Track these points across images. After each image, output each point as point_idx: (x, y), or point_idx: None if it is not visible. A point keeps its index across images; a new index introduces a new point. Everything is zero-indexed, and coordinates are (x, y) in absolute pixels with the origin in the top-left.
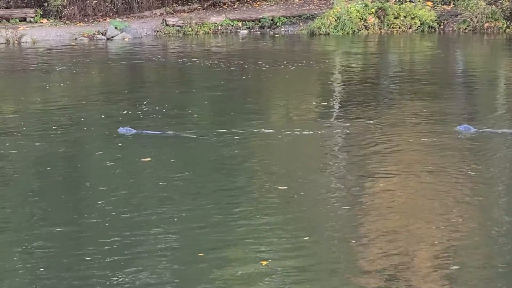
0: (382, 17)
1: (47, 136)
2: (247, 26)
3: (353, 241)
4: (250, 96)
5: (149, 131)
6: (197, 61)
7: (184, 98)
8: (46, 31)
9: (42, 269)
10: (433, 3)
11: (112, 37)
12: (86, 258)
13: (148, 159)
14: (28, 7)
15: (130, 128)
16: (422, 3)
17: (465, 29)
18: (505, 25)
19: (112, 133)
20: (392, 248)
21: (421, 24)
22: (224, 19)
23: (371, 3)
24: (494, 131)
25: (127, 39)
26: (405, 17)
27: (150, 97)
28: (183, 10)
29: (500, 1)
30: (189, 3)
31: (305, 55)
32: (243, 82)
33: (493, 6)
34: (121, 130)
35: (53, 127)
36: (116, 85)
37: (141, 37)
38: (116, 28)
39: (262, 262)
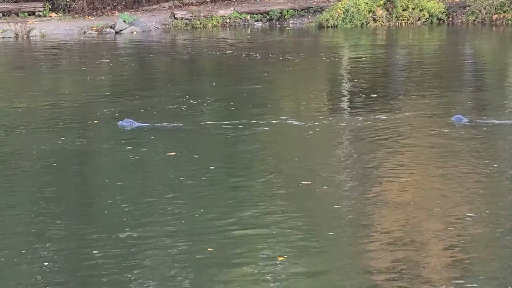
0: (390, 9)
1: (78, 130)
2: (256, 19)
3: (374, 232)
4: (285, 88)
5: (149, 124)
6: (235, 53)
7: (223, 91)
8: (55, 25)
9: (47, 263)
10: None
11: (121, 30)
12: (94, 252)
13: (174, 153)
14: (37, 1)
15: (131, 120)
16: None
17: (474, 20)
18: None
19: (148, 127)
20: (403, 242)
21: (429, 16)
22: (232, 12)
23: None
24: (485, 122)
25: (135, 33)
26: (413, 9)
27: (190, 90)
28: (191, 3)
29: None
30: None
31: (322, 48)
32: (281, 74)
33: None
34: (122, 124)
35: (95, 122)
36: (153, 78)
37: (150, 30)
38: (124, 21)
39: (278, 257)
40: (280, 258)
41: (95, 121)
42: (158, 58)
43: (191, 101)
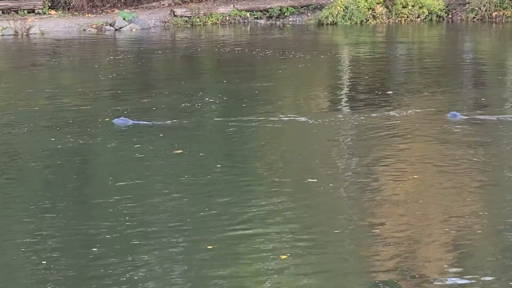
0: (390, 6)
1: (85, 128)
2: (255, 16)
3: (377, 230)
4: (298, 85)
5: (145, 121)
6: (246, 50)
7: (236, 88)
8: (54, 22)
9: (45, 262)
10: None
11: (120, 28)
12: (94, 249)
13: (180, 151)
14: None
15: (126, 118)
16: None
17: (474, 18)
18: None
19: (158, 125)
20: (406, 238)
21: (429, 13)
22: (232, 9)
23: None
24: (481, 118)
25: (134, 30)
26: (413, 6)
27: (203, 88)
28: (191, 1)
29: None
30: None
31: (331, 45)
32: (294, 71)
33: None
34: (117, 121)
35: (105, 119)
36: (166, 76)
37: (149, 28)
38: (124, 19)
39: (281, 256)
40: (283, 257)
41: (106, 119)
42: (168, 55)
43: (207, 98)
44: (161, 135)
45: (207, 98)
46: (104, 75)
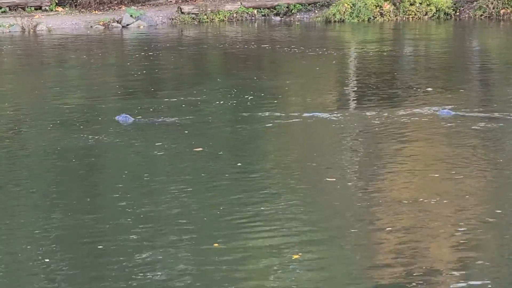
0: (397, 3)
1: (108, 126)
2: (263, 13)
3: (388, 228)
4: (328, 83)
5: (147, 119)
6: (277, 46)
7: (267, 85)
8: (61, 19)
9: (48, 260)
10: None
11: (128, 25)
12: (99, 246)
13: (200, 148)
14: None
15: (127, 115)
16: None
17: (481, 15)
18: None
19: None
20: (416, 240)
21: (437, 10)
22: (239, 6)
23: None
24: (468, 114)
25: (142, 27)
26: (420, 3)
27: (237, 85)
28: None
29: None
30: None
31: (355, 42)
32: (326, 68)
33: None
34: (118, 119)
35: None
36: (197, 72)
37: (156, 25)
38: (131, 16)
39: (293, 256)
40: (295, 256)
41: (139, 117)
42: (193, 51)
43: (246, 96)
44: (186, 132)
45: (245, 96)
46: (136, 72)
